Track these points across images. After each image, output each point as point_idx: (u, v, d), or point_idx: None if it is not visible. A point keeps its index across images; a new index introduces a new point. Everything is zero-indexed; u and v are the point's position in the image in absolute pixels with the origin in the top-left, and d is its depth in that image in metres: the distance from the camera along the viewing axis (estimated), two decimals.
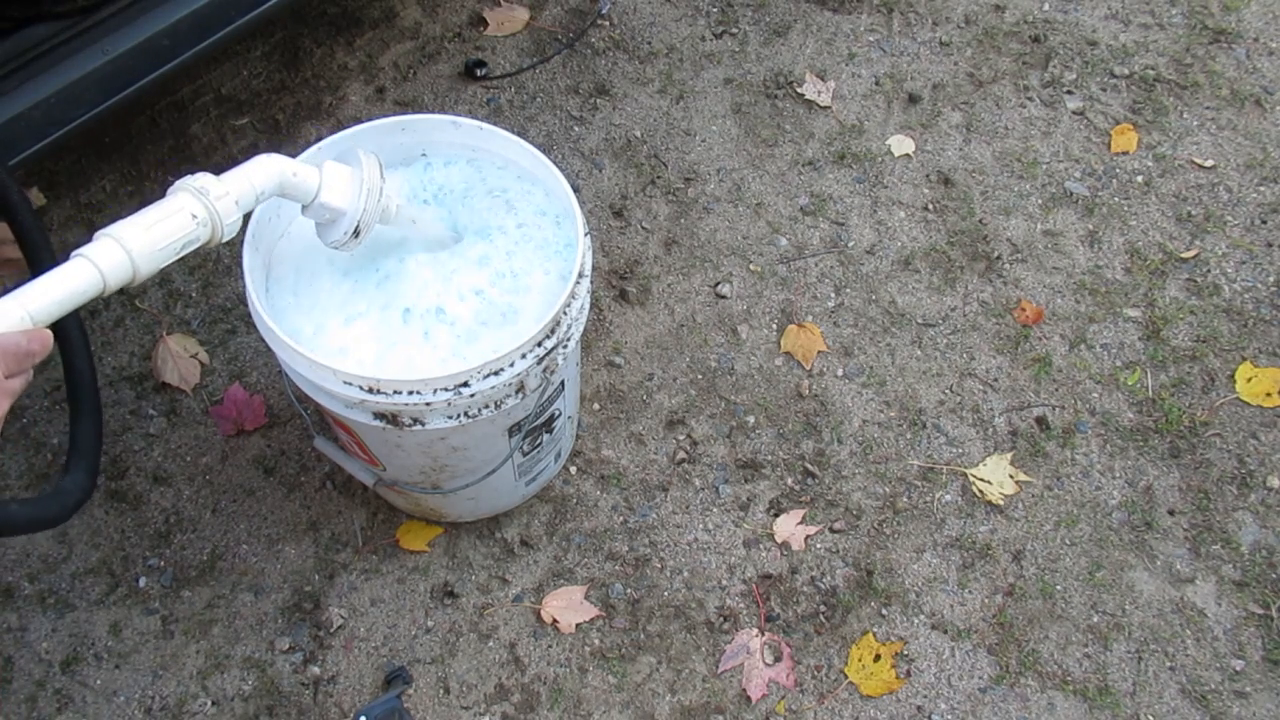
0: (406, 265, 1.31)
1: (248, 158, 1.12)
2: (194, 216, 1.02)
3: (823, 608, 1.65)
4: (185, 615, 1.64)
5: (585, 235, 1.30)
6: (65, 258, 0.96)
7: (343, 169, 1.18)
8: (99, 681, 1.58)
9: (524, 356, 1.21)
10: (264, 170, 1.11)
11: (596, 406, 1.82)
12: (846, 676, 1.59)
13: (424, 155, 1.40)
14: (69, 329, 1.25)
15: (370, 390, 1.18)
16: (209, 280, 1.93)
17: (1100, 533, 1.71)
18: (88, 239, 0.97)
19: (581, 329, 1.32)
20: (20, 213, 1.20)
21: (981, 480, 1.75)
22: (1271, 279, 1.94)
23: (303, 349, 1.17)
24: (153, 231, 0.98)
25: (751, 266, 1.96)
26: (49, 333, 0.89)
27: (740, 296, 1.93)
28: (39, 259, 1.05)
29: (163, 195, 1.04)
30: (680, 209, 2.03)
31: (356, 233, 1.19)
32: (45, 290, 0.91)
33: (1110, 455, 1.78)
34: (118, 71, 1.53)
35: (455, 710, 1.57)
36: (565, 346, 1.27)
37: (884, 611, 1.64)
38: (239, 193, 1.07)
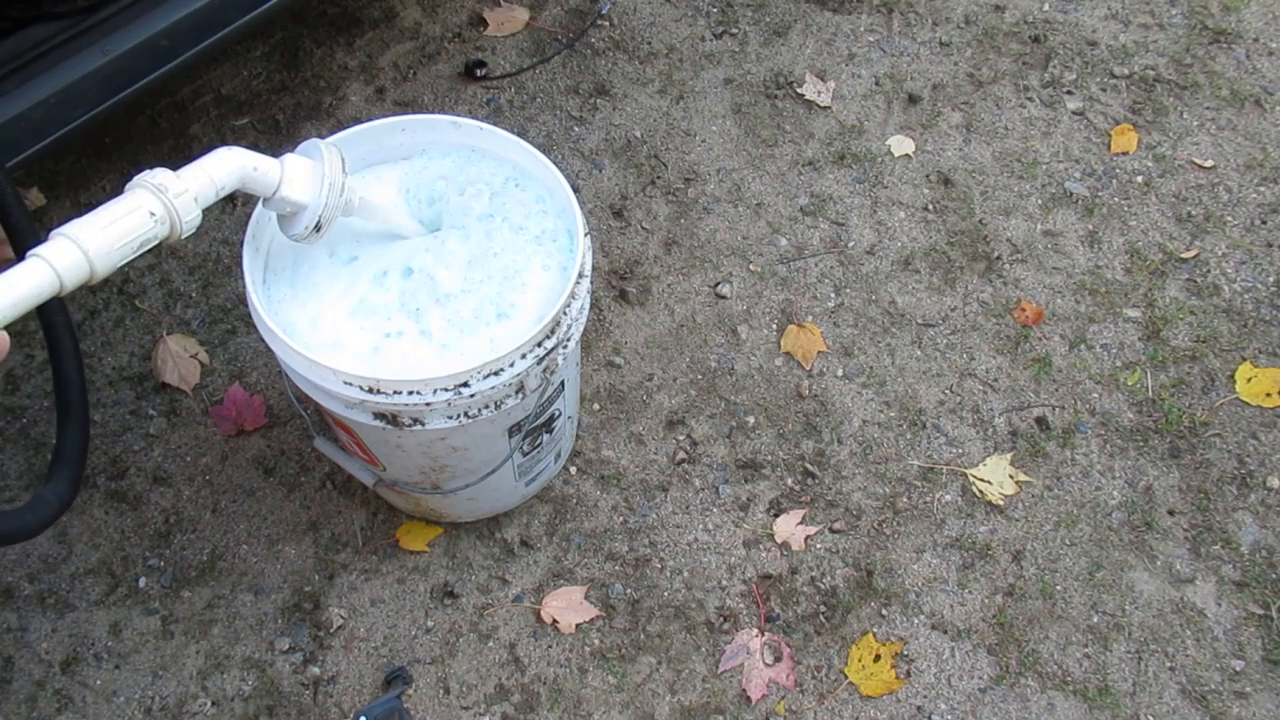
0: (405, 256, 1.31)
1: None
2: (152, 214, 1.00)
3: (823, 608, 1.65)
4: (185, 615, 1.64)
5: (585, 235, 1.30)
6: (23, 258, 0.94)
7: (304, 162, 1.17)
8: (99, 682, 1.58)
9: (524, 357, 1.21)
10: (224, 164, 1.09)
11: (596, 406, 1.82)
12: (846, 677, 1.59)
13: (424, 153, 1.40)
14: (59, 334, 1.24)
15: (370, 390, 1.18)
16: (209, 280, 1.93)
17: (1100, 533, 1.71)
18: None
19: (581, 329, 1.32)
20: (13, 213, 1.20)
21: (981, 480, 1.75)
22: (1271, 279, 1.94)
23: (300, 347, 1.17)
24: (109, 230, 0.96)
25: (751, 266, 1.96)
26: (4, 335, 0.88)
27: (740, 296, 1.93)
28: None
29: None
30: (680, 209, 2.03)
31: (318, 227, 1.18)
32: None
33: (1110, 455, 1.78)
34: (118, 71, 1.53)
35: (455, 710, 1.57)
36: (565, 347, 1.27)
37: (884, 612, 1.64)
38: (198, 189, 1.05)
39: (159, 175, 1.03)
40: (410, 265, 1.30)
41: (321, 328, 1.26)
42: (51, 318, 1.24)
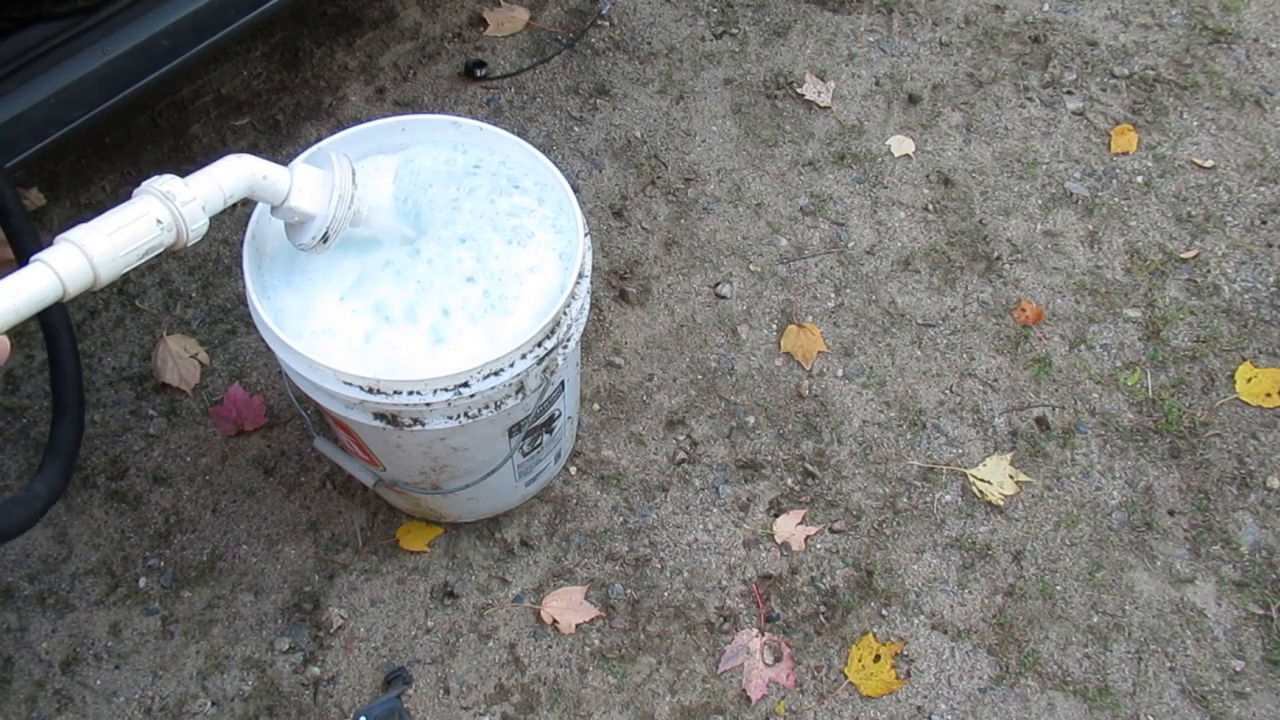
0: (403, 251, 1.30)
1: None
2: (159, 222, 0.99)
3: (823, 608, 1.65)
4: (185, 615, 1.64)
5: (585, 235, 1.30)
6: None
7: (314, 172, 1.17)
8: (99, 682, 1.58)
9: (524, 357, 1.21)
10: (232, 172, 1.09)
11: (596, 406, 1.82)
12: (846, 677, 1.59)
13: (423, 150, 1.40)
14: (57, 330, 1.24)
15: (370, 390, 1.18)
16: (209, 280, 1.93)
17: (1100, 533, 1.71)
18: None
19: (581, 329, 1.32)
20: (12, 214, 1.20)
21: (981, 480, 1.75)
22: (1271, 279, 1.94)
23: (291, 336, 1.17)
24: (115, 237, 0.96)
25: (751, 267, 1.96)
26: (5, 340, 0.88)
27: (740, 297, 1.93)
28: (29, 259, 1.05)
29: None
30: (680, 209, 2.03)
31: (325, 238, 1.18)
32: (2, 296, 0.89)
33: (1110, 455, 1.78)
34: (118, 71, 1.53)
35: (455, 710, 1.57)
36: (565, 347, 1.27)
37: (884, 612, 1.64)
38: (205, 197, 1.04)
39: (167, 182, 1.02)
40: (407, 259, 1.30)
41: (313, 316, 1.25)
42: (49, 315, 1.24)
